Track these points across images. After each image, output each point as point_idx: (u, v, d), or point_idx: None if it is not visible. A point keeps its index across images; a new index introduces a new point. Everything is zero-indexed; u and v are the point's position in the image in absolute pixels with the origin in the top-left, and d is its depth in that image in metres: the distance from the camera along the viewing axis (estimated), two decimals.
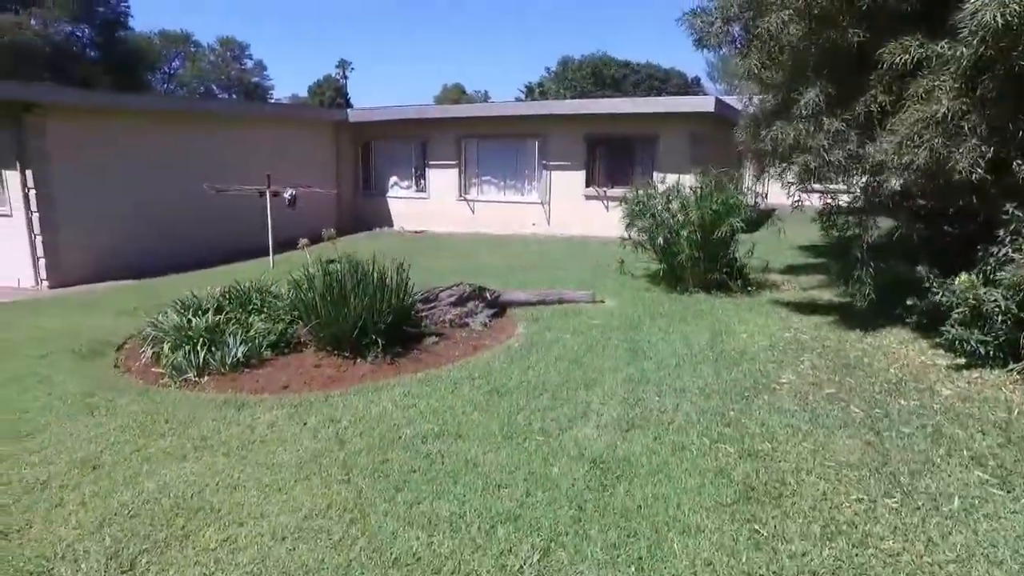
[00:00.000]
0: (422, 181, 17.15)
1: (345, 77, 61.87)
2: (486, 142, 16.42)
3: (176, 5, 79.60)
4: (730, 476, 3.45)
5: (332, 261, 6.22)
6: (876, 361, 5.19)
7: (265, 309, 6.46)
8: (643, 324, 6.54)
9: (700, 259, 7.87)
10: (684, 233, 7.66)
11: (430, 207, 16.89)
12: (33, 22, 27.81)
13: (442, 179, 16.79)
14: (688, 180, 8.85)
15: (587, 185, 15.21)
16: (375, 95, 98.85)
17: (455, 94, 63.03)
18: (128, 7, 31.40)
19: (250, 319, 6.23)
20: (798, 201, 5.96)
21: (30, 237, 11.01)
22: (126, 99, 15.16)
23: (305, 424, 4.31)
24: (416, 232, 16.07)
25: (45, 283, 11.00)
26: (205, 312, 6.28)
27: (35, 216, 10.89)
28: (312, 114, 21.72)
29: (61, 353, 6.28)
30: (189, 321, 5.92)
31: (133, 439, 4.19)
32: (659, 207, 8.24)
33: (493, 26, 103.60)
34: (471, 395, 4.71)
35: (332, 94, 55.33)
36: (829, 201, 6.23)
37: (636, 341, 5.94)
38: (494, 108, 17.37)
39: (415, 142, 17.04)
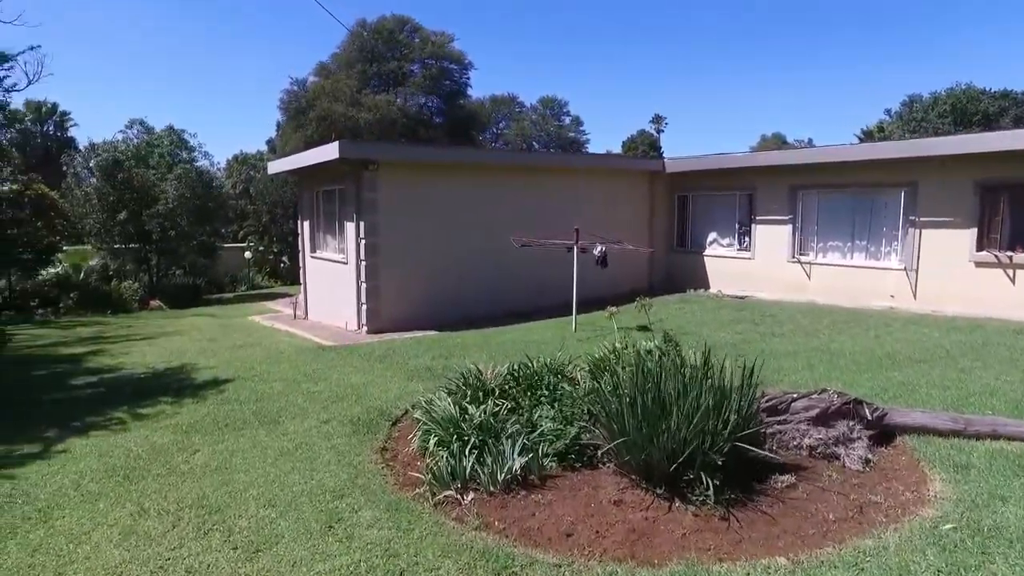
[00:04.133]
0: (746, 238, 14.77)
1: (660, 131, 61.59)
2: (828, 193, 13.45)
3: (508, 73, 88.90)
4: None
5: (644, 327, 4.56)
6: None
7: (557, 400, 5.02)
8: None
9: None
10: None
11: (755, 269, 14.39)
12: (398, 99, 32.48)
13: (770, 236, 14.21)
14: None
15: (978, 248, 11.29)
16: (687, 148, 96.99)
17: (774, 144, 58.03)
18: (468, 79, 35.09)
19: (536, 412, 4.85)
20: None
21: (357, 284, 11.56)
22: (441, 152, 15.65)
23: None
24: (737, 297, 13.69)
25: (364, 328, 11.39)
26: (486, 396, 5.09)
27: (363, 264, 11.39)
28: (626, 164, 20.63)
29: (341, 422, 5.76)
30: (463, 410, 4.73)
31: None
32: None
33: (814, 69, 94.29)
34: None
35: (645, 148, 55.07)
36: None
37: None
38: (841, 152, 14.12)
39: (739, 194, 14.81)
